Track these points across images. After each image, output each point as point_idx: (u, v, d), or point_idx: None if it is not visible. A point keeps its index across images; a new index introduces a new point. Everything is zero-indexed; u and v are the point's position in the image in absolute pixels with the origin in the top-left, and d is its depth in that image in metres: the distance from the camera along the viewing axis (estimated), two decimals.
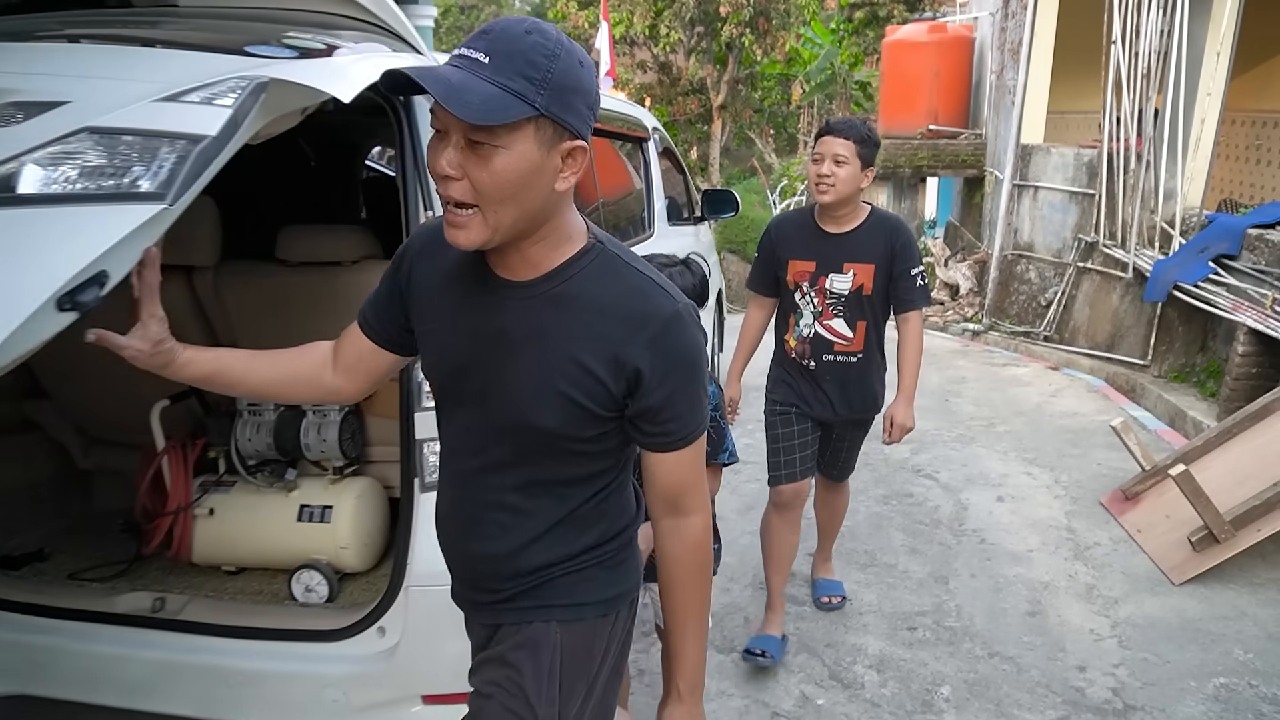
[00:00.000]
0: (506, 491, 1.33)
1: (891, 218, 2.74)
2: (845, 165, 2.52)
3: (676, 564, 1.36)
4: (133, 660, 2.13)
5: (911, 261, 2.66)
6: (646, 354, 1.21)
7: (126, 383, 2.52)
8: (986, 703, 2.67)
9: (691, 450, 1.31)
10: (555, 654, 1.37)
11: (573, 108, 1.13)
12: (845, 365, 2.75)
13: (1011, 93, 8.33)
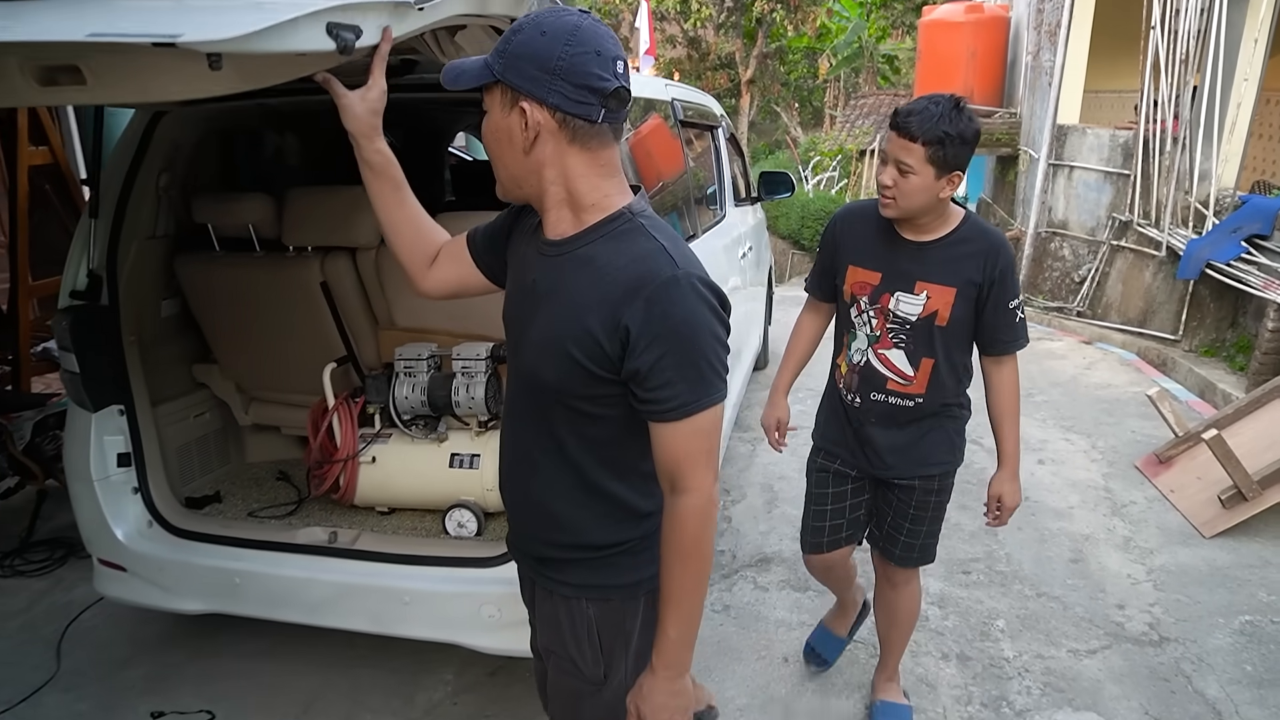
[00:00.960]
0: (529, 446, 1.43)
1: (992, 233, 2.11)
2: (912, 176, 1.98)
3: (665, 543, 1.33)
4: (315, 583, 2.51)
5: (1011, 292, 2.10)
6: (639, 315, 1.23)
7: (282, 349, 2.92)
8: (1037, 633, 3.03)
9: (687, 424, 1.28)
10: (590, 624, 1.46)
11: (522, 71, 1.22)
12: (895, 409, 2.21)
13: (1048, 73, 8.52)
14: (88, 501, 2.62)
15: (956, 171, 1.99)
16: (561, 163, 1.28)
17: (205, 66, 1.17)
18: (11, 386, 4.52)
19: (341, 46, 1.28)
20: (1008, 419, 2.27)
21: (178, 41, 1.10)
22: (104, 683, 2.84)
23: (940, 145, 1.94)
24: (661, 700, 1.38)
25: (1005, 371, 2.23)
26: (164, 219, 2.78)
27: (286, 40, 1.19)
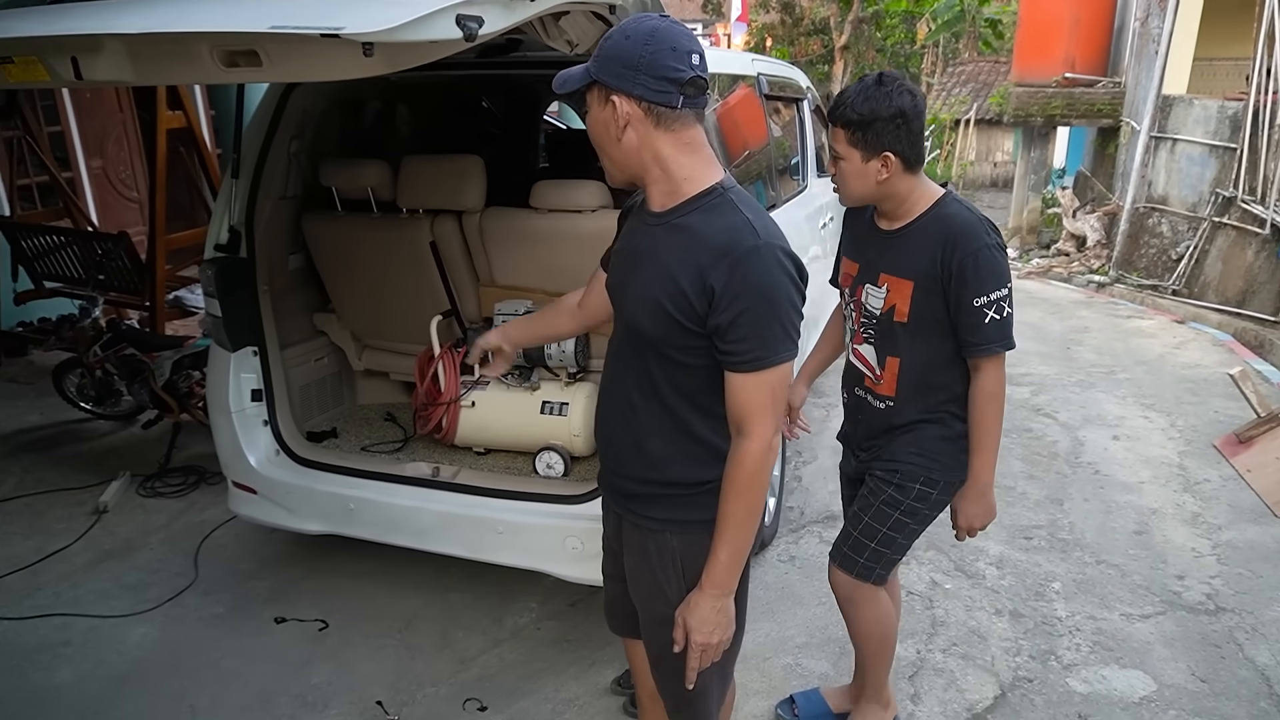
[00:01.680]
0: (630, 389, 1.60)
1: (956, 219, 1.93)
2: (842, 162, 1.94)
3: (725, 478, 1.51)
4: (421, 511, 2.81)
5: (975, 287, 1.89)
6: (723, 277, 1.41)
7: (393, 302, 3.22)
8: (1092, 597, 3.14)
9: (756, 378, 1.46)
10: (674, 555, 1.63)
11: (611, 70, 1.42)
12: (871, 410, 2.14)
13: (1156, 41, 8.23)
14: (226, 431, 2.99)
15: (887, 152, 1.88)
16: (652, 145, 1.47)
17: (360, 53, 1.42)
18: (149, 329, 5.02)
19: (467, 35, 1.51)
20: (977, 432, 2.01)
21: (341, 33, 1.35)
22: (234, 590, 3.24)
23: (856, 127, 1.88)
24: (706, 614, 1.55)
25: (980, 379, 1.98)
26: (294, 181, 3.11)
27: (425, 30, 1.43)
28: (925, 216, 1.96)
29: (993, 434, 2.02)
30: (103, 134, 6.73)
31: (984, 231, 1.92)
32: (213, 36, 1.51)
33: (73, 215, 5.71)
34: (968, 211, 1.96)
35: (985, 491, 2.07)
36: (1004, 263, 1.93)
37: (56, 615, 3.09)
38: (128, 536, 3.63)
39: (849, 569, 2.20)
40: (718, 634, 1.57)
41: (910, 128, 1.87)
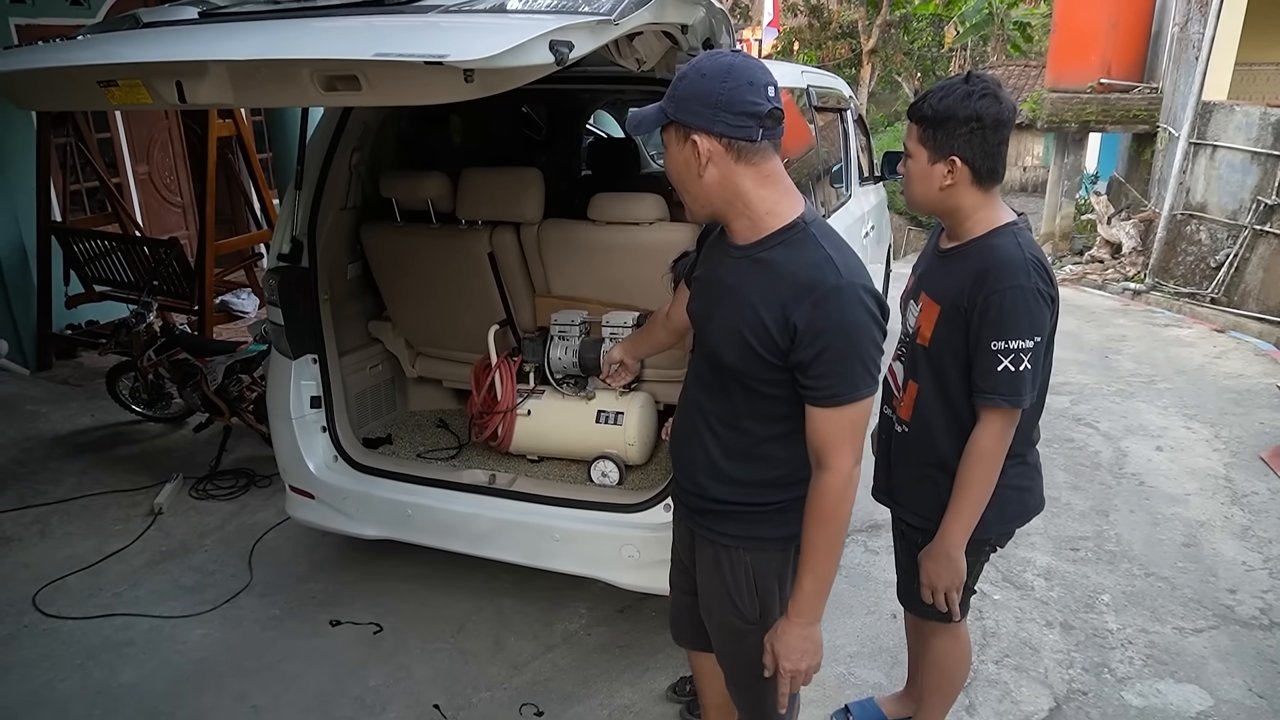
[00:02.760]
0: (706, 412, 1.67)
1: (995, 252, 1.77)
2: (909, 160, 1.85)
3: (807, 509, 1.55)
4: (477, 518, 2.85)
5: (995, 329, 1.73)
6: (806, 315, 1.44)
7: (448, 311, 3.27)
8: (1143, 609, 3.14)
9: (837, 412, 1.48)
10: (747, 570, 1.69)
11: (689, 110, 1.45)
12: (890, 431, 2.07)
13: (1196, 46, 8.16)
14: (286, 436, 3.05)
15: (954, 157, 1.75)
16: (733, 181, 1.50)
17: (461, 79, 1.47)
18: (198, 334, 5.11)
19: (558, 59, 1.56)
20: (957, 485, 1.84)
21: (445, 61, 1.40)
22: (289, 593, 3.30)
23: (928, 123, 1.76)
24: (793, 642, 1.59)
25: (977, 430, 1.81)
26: (354, 192, 3.17)
27: (522, 57, 1.48)
28: (975, 242, 1.83)
29: (973, 494, 1.82)
30: (149, 140, 6.85)
31: (1025, 271, 1.73)
32: (315, 62, 1.56)
33: (121, 220, 5.83)
34: (1016, 246, 1.78)
35: (951, 553, 1.87)
36: (1038, 311, 1.74)
37: (118, 615, 3.17)
38: (183, 538, 3.71)
39: (926, 614, 2.13)
40: (805, 660, 1.60)
41: (987, 136, 1.74)
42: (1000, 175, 1.83)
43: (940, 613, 2.05)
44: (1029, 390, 1.77)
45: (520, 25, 1.57)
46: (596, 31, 1.68)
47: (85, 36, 2.12)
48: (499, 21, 1.68)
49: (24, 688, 2.80)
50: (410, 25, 1.77)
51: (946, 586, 1.91)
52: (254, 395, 4.17)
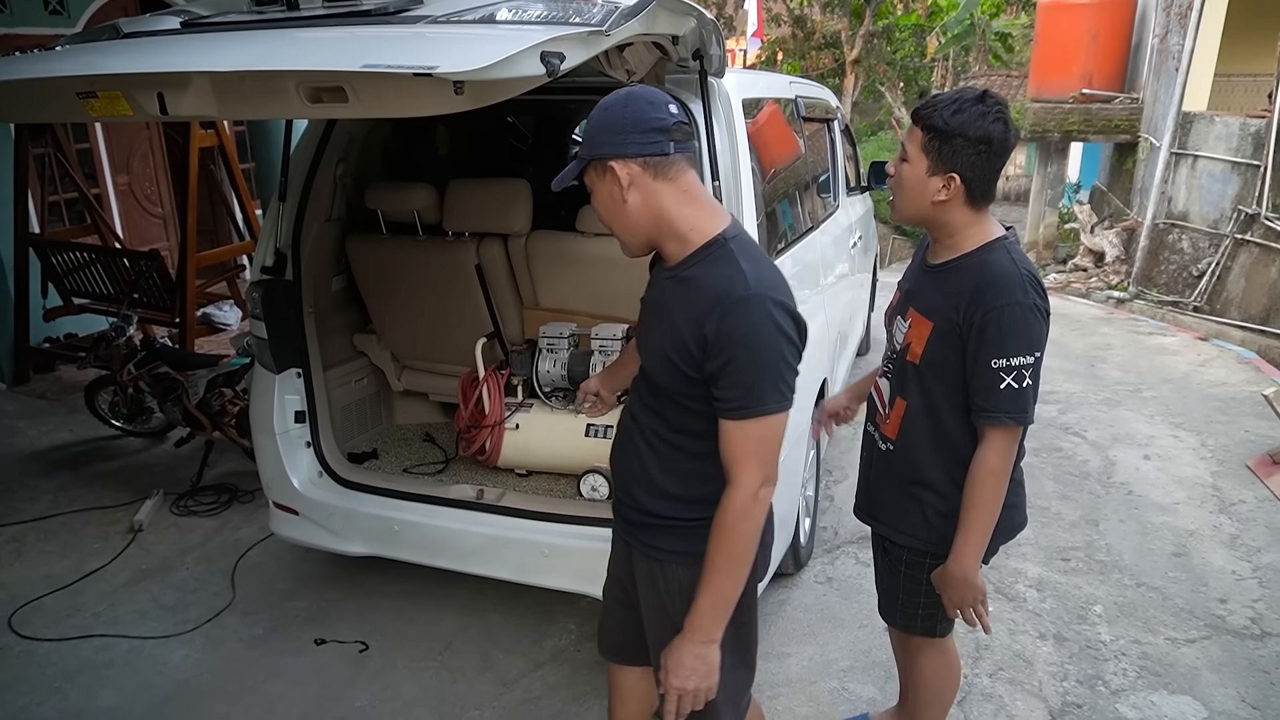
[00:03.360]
0: (643, 426, 1.67)
1: (991, 268, 1.74)
2: (904, 164, 1.79)
3: (713, 524, 1.53)
4: (465, 534, 2.81)
5: (995, 347, 1.71)
6: (714, 325, 1.45)
7: (435, 323, 3.23)
8: (1135, 620, 3.13)
9: (742, 426, 1.49)
10: (680, 585, 1.65)
11: (599, 143, 1.49)
12: (878, 450, 2.02)
13: (1175, 58, 8.25)
14: (269, 452, 3.00)
15: (953, 174, 1.72)
16: (655, 202, 1.52)
17: (451, 91, 1.44)
18: (179, 347, 5.04)
19: (549, 70, 1.54)
20: (965, 508, 1.81)
21: (434, 72, 1.37)
22: (273, 611, 3.24)
23: (937, 134, 1.71)
24: (684, 660, 1.55)
25: (983, 450, 1.78)
26: (339, 204, 3.13)
27: (513, 69, 1.45)
28: (967, 258, 1.80)
29: (984, 514, 1.80)
30: (129, 151, 6.78)
31: (1021, 287, 1.72)
32: (301, 74, 1.53)
33: (100, 231, 5.76)
34: (1011, 262, 1.75)
35: (968, 575, 1.83)
36: (1037, 327, 1.72)
37: (97, 636, 3.10)
38: (164, 556, 3.64)
39: (910, 629, 2.12)
40: (694, 680, 1.55)
41: (990, 160, 1.73)
42: (992, 197, 1.82)
43: (925, 627, 2.05)
44: (1032, 406, 1.75)
45: (510, 36, 1.55)
46: (588, 42, 1.66)
47: (64, 47, 2.08)
48: (488, 32, 1.66)
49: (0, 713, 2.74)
50: (397, 36, 1.74)
51: (971, 605, 1.88)
52: (236, 409, 4.11)
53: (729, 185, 2.53)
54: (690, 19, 2.09)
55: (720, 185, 2.48)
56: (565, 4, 1.79)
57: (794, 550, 3.18)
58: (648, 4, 1.82)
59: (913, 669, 2.24)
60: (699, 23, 2.14)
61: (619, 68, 2.17)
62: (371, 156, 3.30)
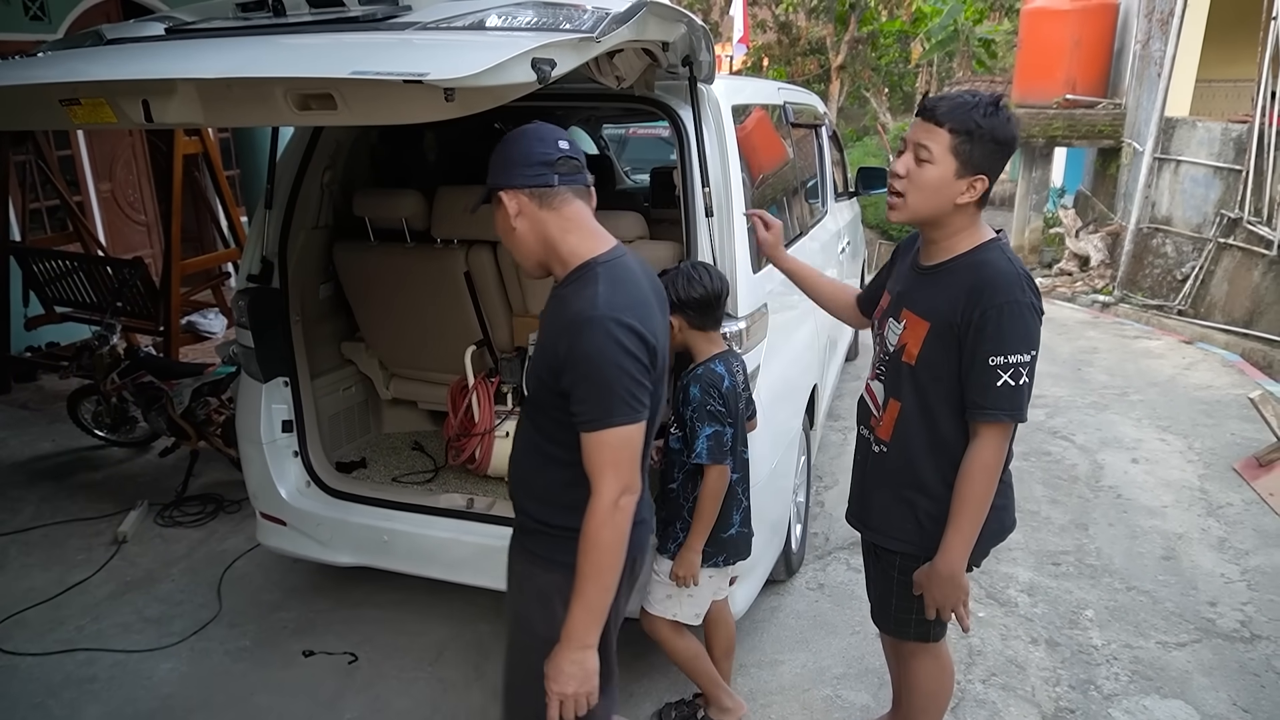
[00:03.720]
0: (528, 431, 1.79)
1: (989, 269, 1.76)
2: (929, 166, 1.75)
3: (580, 532, 1.58)
4: (456, 543, 2.78)
5: (994, 344, 1.72)
6: (565, 345, 1.57)
7: (424, 331, 3.21)
8: (1126, 624, 3.13)
9: (596, 438, 1.56)
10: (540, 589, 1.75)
11: (497, 175, 1.65)
12: (871, 453, 2.03)
13: (1157, 64, 8.33)
14: (256, 462, 2.96)
15: (980, 176, 1.74)
16: (541, 229, 1.66)
17: (441, 98, 1.43)
18: (163, 356, 4.99)
19: (540, 77, 1.52)
20: (956, 503, 1.82)
21: (425, 79, 1.36)
22: (260, 622, 3.20)
23: (969, 136, 1.70)
24: (562, 666, 1.61)
25: (976, 446, 1.79)
26: (325, 211, 3.10)
27: (504, 75, 1.44)
28: (963, 258, 1.81)
29: (975, 510, 1.81)
30: (112, 157, 6.72)
31: (1019, 286, 1.74)
32: (289, 81, 1.51)
33: (83, 239, 5.69)
34: (1008, 262, 1.78)
35: (955, 573, 1.84)
36: (1034, 325, 1.75)
37: (81, 650, 3.05)
38: (148, 567, 3.59)
39: (904, 635, 2.12)
40: (573, 685, 1.61)
41: (1004, 162, 1.77)
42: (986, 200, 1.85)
43: (919, 632, 2.05)
44: (1028, 403, 1.78)
45: (501, 43, 1.53)
46: (579, 49, 1.65)
47: (46, 54, 2.05)
48: (479, 39, 1.65)
49: None
50: (386, 43, 1.73)
51: (954, 605, 1.89)
52: (222, 418, 4.06)
53: (719, 191, 2.52)
54: (680, 25, 2.08)
55: (710, 191, 2.48)
56: (555, 10, 1.77)
57: (785, 557, 3.16)
58: (638, 10, 1.81)
59: (907, 675, 2.22)
60: (689, 29, 2.14)
61: (609, 74, 2.16)
62: (359, 163, 3.28)
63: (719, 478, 2.20)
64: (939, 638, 2.10)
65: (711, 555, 2.33)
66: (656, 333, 1.63)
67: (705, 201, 2.48)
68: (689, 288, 2.22)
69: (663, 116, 2.63)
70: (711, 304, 2.24)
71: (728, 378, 2.23)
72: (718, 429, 2.17)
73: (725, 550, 2.35)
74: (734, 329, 2.50)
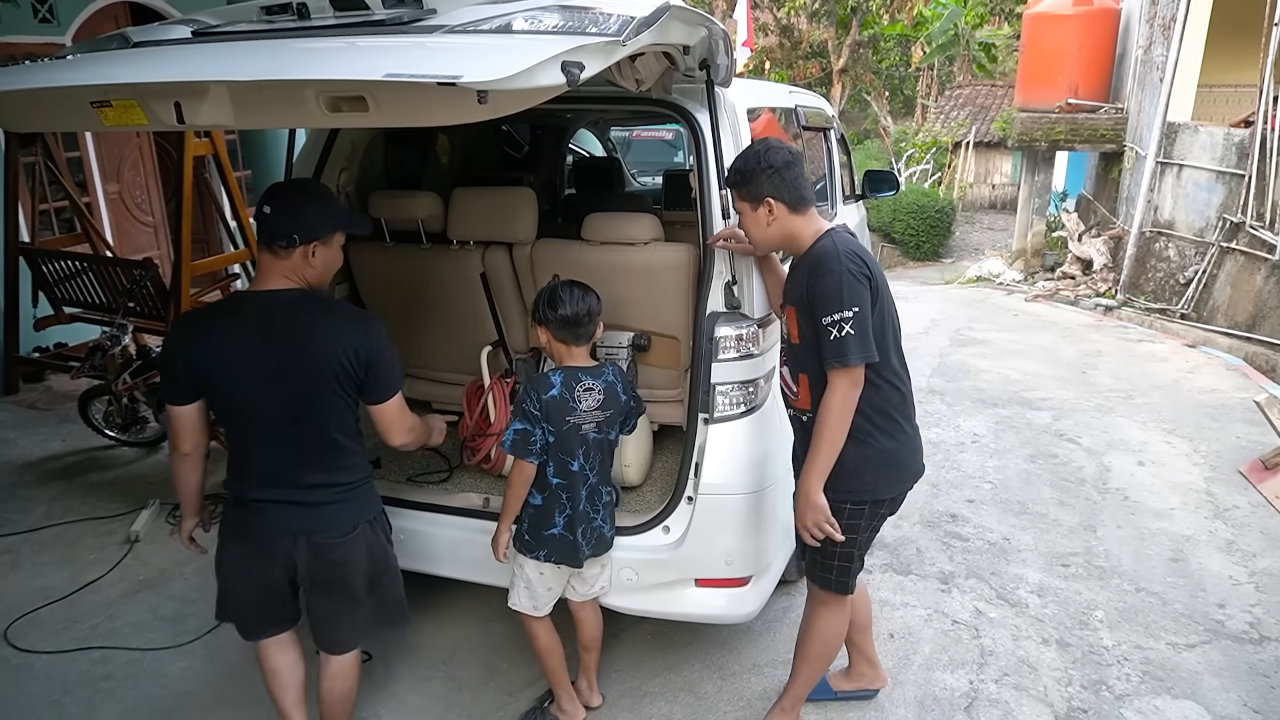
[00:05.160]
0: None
1: (816, 252, 2.19)
2: (741, 217, 2.31)
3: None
4: (471, 543, 2.79)
5: (822, 309, 2.12)
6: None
7: (439, 332, 3.22)
8: (1136, 625, 3.15)
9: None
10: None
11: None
12: (799, 427, 2.40)
13: (1159, 69, 8.35)
14: None
15: (765, 199, 2.22)
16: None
17: (474, 100, 1.44)
18: None
19: (570, 80, 1.54)
20: (815, 437, 2.18)
21: (458, 82, 1.37)
22: None
23: (736, 185, 2.26)
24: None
25: (829, 389, 2.15)
26: None
27: (536, 78, 1.46)
28: (805, 254, 2.24)
29: (825, 442, 2.16)
30: (120, 159, 6.73)
31: (837, 259, 2.13)
32: (321, 83, 1.53)
33: (91, 240, 5.70)
34: (832, 244, 2.19)
35: (809, 494, 2.20)
36: (852, 288, 2.10)
37: (95, 648, 3.07)
38: (161, 566, 3.60)
39: (820, 583, 2.43)
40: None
41: (773, 180, 2.21)
42: (809, 201, 2.27)
43: (835, 582, 2.38)
44: (853, 352, 2.10)
45: (529, 46, 1.55)
46: (605, 52, 1.66)
47: (73, 56, 2.07)
48: (507, 43, 1.67)
49: None
50: (414, 46, 1.75)
51: (815, 522, 2.20)
52: None
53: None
54: (702, 29, 2.10)
55: (727, 193, 2.50)
56: (580, 14, 1.79)
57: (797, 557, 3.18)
58: (662, 14, 1.83)
59: (812, 621, 2.49)
60: (710, 32, 2.16)
61: (629, 77, 2.18)
62: (373, 165, 3.29)
63: (519, 470, 2.44)
64: (848, 591, 2.41)
65: (534, 548, 2.51)
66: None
67: (723, 203, 2.50)
68: (553, 305, 2.42)
69: (675, 119, 2.65)
70: (572, 321, 2.42)
71: (556, 389, 2.41)
72: (525, 427, 2.40)
73: (546, 547, 2.50)
74: (747, 330, 2.52)
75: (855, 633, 2.67)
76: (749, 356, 2.53)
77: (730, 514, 2.55)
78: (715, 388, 2.51)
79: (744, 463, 2.55)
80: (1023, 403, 5.58)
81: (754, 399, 2.56)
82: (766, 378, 2.63)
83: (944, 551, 3.68)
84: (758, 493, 2.56)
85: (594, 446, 2.48)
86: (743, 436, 2.55)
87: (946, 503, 4.13)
